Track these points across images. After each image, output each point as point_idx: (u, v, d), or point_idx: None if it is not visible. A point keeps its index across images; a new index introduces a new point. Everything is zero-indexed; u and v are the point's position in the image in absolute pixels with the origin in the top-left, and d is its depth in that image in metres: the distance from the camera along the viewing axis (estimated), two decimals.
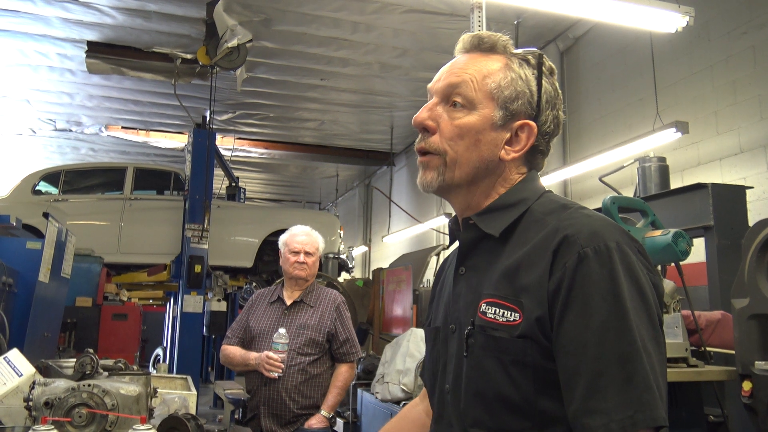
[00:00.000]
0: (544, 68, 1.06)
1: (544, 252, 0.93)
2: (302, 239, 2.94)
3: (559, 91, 1.08)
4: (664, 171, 4.21)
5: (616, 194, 2.90)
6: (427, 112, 1.06)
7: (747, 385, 2.38)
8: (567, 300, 0.88)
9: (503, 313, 0.94)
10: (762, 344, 2.38)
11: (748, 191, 3.68)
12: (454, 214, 1.14)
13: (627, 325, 0.86)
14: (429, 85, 1.10)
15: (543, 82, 1.05)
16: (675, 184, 4.24)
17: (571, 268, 0.89)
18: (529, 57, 1.06)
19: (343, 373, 2.88)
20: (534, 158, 1.08)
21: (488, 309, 0.97)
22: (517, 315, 0.93)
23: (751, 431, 2.51)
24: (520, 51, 1.08)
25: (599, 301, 0.87)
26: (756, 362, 2.36)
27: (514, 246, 0.99)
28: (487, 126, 1.03)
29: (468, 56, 1.08)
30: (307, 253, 2.91)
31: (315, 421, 2.74)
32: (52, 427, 1.41)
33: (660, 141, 4.58)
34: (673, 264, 2.70)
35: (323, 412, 2.77)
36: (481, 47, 1.07)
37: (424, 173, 1.06)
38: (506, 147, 1.04)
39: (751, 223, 3.06)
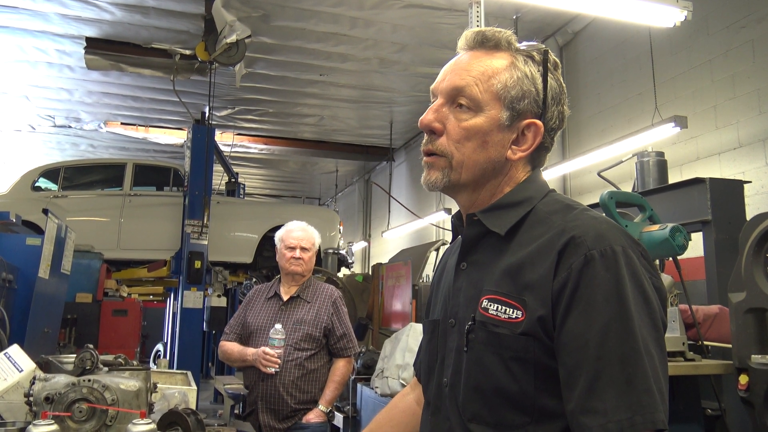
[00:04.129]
0: (548, 64, 1.05)
1: (549, 252, 0.93)
2: (298, 235, 2.94)
3: (564, 86, 1.07)
4: (662, 166, 4.21)
5: (614, 189, 2.91)
6: (433, 113, 1.05)
7: (743, 379, 2.39)
8: (571, 300, 0.89)
9: (505, 310, 0.95)
10: (758, 338, 2.39)
11: (746, 186, 3.69)
12: (457, 209, 1.14)
13: (629, 327, 0.86)
14: (432, 86, 1.08)
15: (548, 78, 1.04)
16: (674, 178, 4.24)
17: (577, 270, 0.89)
18: (534, 53, 1.05)
19: (341, 368, 2.89)
20: (539, 155, 1.07)
21: (490, 305, 0.97)
22: (519, 312, 0.93)
23: (747, 424, 2.52)
24: (524, 46, 1.06)
25: (603, 302, 0.87)
26: (752, 356, 2.37)
27: (518, 244, 0.99)
28: (494, 127, 1.02)
29: (471, 54, 1.06)
30: (303, 249, 2.91)
31: (313, 416, 2.75)
32: (53, 422, 1.42)
33: (659, 136, 4.58)
34: (670, 258, 2.71)
35: (321, 407, 2.78)
36: (486, 45, 1.05)
37: (428, 173, 1.05)
38: (513, 147, 1.03)
39: (749, 217, 3.07)
